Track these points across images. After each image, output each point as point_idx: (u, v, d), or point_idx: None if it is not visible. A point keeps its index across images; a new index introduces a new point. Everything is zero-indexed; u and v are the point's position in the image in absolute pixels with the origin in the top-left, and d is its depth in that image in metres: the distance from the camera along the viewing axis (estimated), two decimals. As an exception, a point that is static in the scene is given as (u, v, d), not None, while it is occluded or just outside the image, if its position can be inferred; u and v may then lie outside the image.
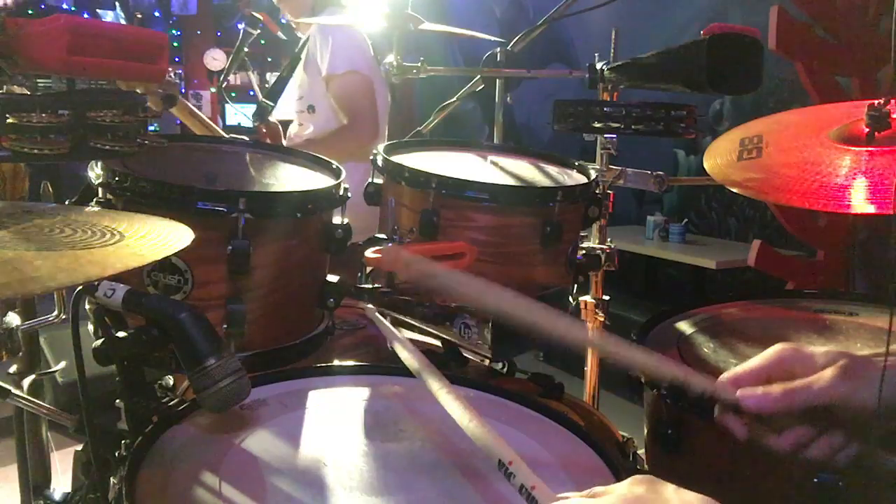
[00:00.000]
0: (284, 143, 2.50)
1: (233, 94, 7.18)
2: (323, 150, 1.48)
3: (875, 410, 0.67)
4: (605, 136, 1.52)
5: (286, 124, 2.70)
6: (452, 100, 1.91)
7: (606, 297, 1.61)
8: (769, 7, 2.89)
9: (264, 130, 2.30)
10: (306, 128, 2.72)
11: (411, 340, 0.85)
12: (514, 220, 1.26)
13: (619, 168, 1.54)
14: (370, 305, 0.95)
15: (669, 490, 0.60)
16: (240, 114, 6.90)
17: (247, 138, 1.66)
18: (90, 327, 1.06)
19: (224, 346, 0.84)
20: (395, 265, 1.10)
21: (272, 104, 2.24)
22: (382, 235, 1.30)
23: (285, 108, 2.65)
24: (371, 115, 2.59)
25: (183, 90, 7.95)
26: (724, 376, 0.76)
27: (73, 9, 7.15)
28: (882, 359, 0.71)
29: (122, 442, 0.85)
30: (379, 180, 1.39)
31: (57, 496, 1.34)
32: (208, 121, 2.30)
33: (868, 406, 0.68)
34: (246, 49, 2.57)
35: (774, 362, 0.74)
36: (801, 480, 0.84)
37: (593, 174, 1.42)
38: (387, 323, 1.01)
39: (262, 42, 2.46)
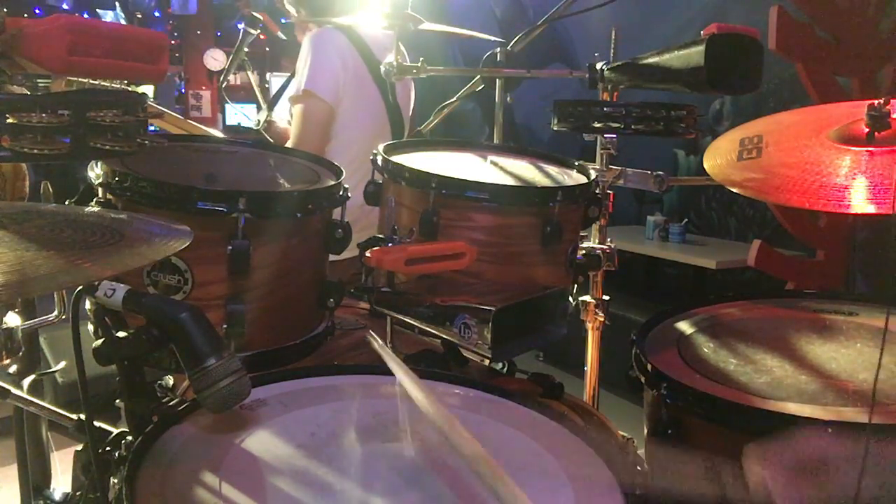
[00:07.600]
0: None
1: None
2: None
3: None
4: (605, 136, 1.52)
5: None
6: (452, 100, 1.91)
7: (606, 297, 1.61)
8: (769, 7, 2.89)
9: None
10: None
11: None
12: (513, 220, 1.26)
13: (619, 168, 1.54)
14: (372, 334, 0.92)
15: None
16: (240, 114, 6.90)
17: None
18: (90, 327, 1.06)
19: (224, 346, 0.84)
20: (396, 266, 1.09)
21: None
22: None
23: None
24: (312, 142, 2.24)
25: (183, 90, 7.95)
26: None
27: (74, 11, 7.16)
28: None
29: (122, 442, 0.85)
30: (379, 180, 1.39)
31: (57, 496, 1.34)
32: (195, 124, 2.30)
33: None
34: (246, 49, 2.57)
35: None
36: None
37: (593, 174, 1.42)
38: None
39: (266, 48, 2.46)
